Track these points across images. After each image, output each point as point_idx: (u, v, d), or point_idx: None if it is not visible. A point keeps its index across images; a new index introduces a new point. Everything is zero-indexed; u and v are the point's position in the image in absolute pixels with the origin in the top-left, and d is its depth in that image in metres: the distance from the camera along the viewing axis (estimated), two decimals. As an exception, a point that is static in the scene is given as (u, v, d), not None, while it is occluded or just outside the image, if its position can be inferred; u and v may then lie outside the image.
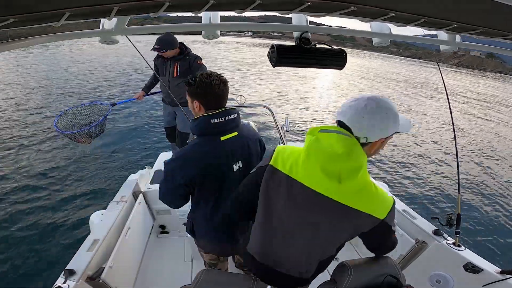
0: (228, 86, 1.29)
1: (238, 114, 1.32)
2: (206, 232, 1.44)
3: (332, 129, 0.91)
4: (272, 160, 1.02)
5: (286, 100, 11.16)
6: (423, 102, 12.26)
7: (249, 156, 1.35)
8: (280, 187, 0.99)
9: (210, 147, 1.22)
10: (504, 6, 0.60)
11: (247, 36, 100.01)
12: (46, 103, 8.90)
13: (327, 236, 1.01)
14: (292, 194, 0.97)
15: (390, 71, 23.74)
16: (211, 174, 1.24)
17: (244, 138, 1.33)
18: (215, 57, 25.37)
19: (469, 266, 1.66)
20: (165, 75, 3.03)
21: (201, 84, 1.19)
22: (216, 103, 1.23)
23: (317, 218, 0.97)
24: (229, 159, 1.27)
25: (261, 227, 1.11)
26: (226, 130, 1.25)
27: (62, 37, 0.98)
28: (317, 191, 0.92)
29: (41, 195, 4.40)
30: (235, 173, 1.30)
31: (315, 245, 1.04)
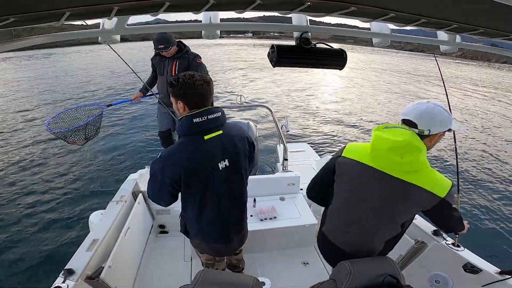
0: (212, 86, 1.29)
1: (223, 112, 1.32)
2: (197, 231, 1.45)
3: (394, 126, 1.17)
4: (344, 152, 1.29)
5: (286, 100, 11.16)
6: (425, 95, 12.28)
7: (236, 154, 1.35)
8: (353, 173, 1.23)
9: (194, 146, 1.24)
10: (504, 6, 0.61)
11: (247, 37, 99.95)
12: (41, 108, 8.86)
13: (391, 213, 1.18)
14: (363, 177, 1.21)
15: (391, 64, 23.76)
16: (195, 173, 1.25)
17: (230, 137, 1.33)
18: (215, 59, 25.38)
19: (468, 266, 1.66)
20: (163, 74, 2.98)
21: (184, 84, 1.20)
22: (199, 103, 1.24)
23: (384, 196, 1.17)
24: (214, 158, 1.28)
25: (337, 210, 1.33)
26: (210, 129, 1.26)
27: (62, 36, 0.98)
28: (384, 171, 1.15)
29: (41, 195, 4.40)
30: (221, 172, 1.31)
31: (382, 224, 1.22)
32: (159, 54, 2.95)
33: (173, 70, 2.91)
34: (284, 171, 2.80)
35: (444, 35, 1.16)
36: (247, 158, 1.43)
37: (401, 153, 1.09)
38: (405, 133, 1.10)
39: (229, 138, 1.32)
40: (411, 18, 0.79)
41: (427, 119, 1.11)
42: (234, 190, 1.41)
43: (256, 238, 2.27)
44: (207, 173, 1.27)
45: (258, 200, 2.49)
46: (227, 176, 1.33)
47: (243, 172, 1.42)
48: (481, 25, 0.82)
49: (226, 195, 1.37)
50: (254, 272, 2.20)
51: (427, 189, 1.10)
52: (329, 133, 7.62)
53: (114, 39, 1.05)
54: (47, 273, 2.96)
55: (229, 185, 1.37)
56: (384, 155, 1.14)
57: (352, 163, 1.24)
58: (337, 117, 9.15)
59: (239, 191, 1.45)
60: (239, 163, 1.36)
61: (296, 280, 2.15)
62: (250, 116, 8.34)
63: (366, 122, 8.81)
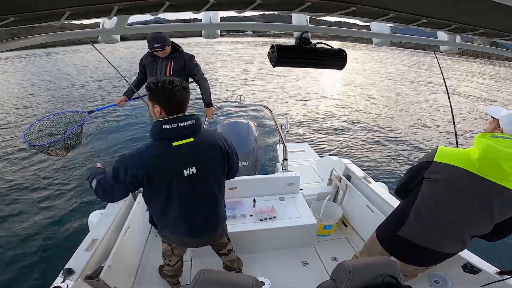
0: (189, 93, 1.31)
1: (197, 120, 1.33)
2: (165, 225, 1.49)
3: (503, 136, 1.19)
4: (436, 158, 1.30)
5: (286, 100, 11.16)
6: (423, 95, 12.32)
7: (206, 162, 1.36)
8: (453, 179, 1.24)
9: (160, 151, 1.25)
10: (504, 6, 0.61)
11: (247, 35, 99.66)
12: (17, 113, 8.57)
13: (492, 218, 1.22)
14: (467, 183, 1.22)
15: (392, 62, 23.78)
16: (158, 176, 1.27)
17: (202, 145, 1.33)
18: (215, 57, 25.36)
19: (467, 266, 1.66)
20: (155, 75, 2.85)
21: (164, 90, 1.21)
22: (176, 109, 1.27)
23: (490, 203, 1.19)
24: (179, 165, 1.29)
25: (429, 213, 1.33)
26: (179, 136, 1.26)
27: (62, 36, 0.98)
28: (491, 180, 1.17)
29: (40, 195, 4.40)
30: (186, 178, 1.32)
31: (483, 226, 1.26)
32: (151, 54, 2.84)
33: (168, 70, 2.81)
34: (284, 171, 2.80)
35: (444, 35, 1.17)
36: (220, 166, 1.44)
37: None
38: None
39: (200, 146, 1.33)
40: (411, 18, 0.79)
41: None
42: (201, 195, 1.42)
43: (256, 238, 2.27)
44: (170, 178, 1.29)
45: (257, 200, 2.49)
46: (193, 183, 1.35)
47: (212, 179, 1.43)
48: (481, 25, 0.82)
49: (191, 199, 1.39)
50: (254, 272, 2.20)
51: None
52: (329, 133, 7.62)
53: (114, 39, 1.05)
54: (47, 273, 2.95)
55: (195, 191, 1.38)
56: (497, 165, 1.15)
57: (450, 168, 1.26)
58: (337, 117, 9.14)
59: (208, 196, 1.46)
60: (208, 171, 1.38)
61: (296, 280, 2.15)
62: (250, 116, 8.34)
63: (366, 122, 8.80)
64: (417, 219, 1.36)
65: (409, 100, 12.43)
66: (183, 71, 2.85)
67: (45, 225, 3.73)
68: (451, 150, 1.31)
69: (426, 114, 10.25)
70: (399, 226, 1.42)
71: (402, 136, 7.77)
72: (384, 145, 7.01)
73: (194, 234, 1.51)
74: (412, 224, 1.38)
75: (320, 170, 3.33)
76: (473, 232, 1.30)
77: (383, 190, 2.34)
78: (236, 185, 2.53)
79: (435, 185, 1.30)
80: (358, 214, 2.55)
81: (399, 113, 10.24)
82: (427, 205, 1.33)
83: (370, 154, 6.48)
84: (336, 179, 2.78)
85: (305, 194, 2.69)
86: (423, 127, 8.83)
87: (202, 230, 1.53)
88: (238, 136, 3.17)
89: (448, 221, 1.30)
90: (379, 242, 1.54)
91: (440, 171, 1.28)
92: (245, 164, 3.03)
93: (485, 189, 1.19)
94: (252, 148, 3.10)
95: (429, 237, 1.35)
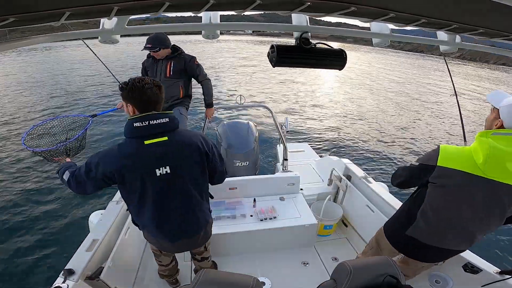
0: (162, 91, 1.30)
1: (172, 119, 1.30)
2: (143, 226, 1.48)
3: (506, 132, 1.13)
4: (440, 161, 1.23)
5: (286, 100, 11.16)
6: (428, 99, 12.31)
7: (181, 162, 1.33)
8: (461, 183, 1.20)
9: (132, 149, 1.24)
10: (504, 6, 0.61)
11: (246, 34, 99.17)
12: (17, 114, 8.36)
13: (503, 217, 1.22)
14: (472, 187, 1.19)
15: (391, 64, 23.77)
16: (129, 175, 1.26)
17: (176, 144, 1.31)
18: (215, 57, 25.37)
19: (468, 266, 1.66)
20: (155, 77, 2.82)
21: (133, 88, 1.21)
22: (147, 107, 1.25)
23: (500, 203, 1.18)
24: (152, 163, 1.27)
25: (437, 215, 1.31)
26: (151, 135, 1.25)
27: (62, 36, 0.98)
28: (497, 180, 1.14)
29: (40, 196, 4.40)
30: (159, 177, 1.29)
31: (495, 225, 1.26)
32: (151, 56, 2.83)
33: (168, 70, 2.79)
34: (284, 171, 2.80)
35: (444, 35, 1.17)
36: (197, 166, 1.40)
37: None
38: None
39: (175, 145, 1.30)
40: (411, 18, 0.79)
41: None
42: (177, 195, 1.39)
43: (256, 238, 2.27)
44: (142, 177, 1.27)
45: (258, 200, 2.49)
46: (167, 182, 1.32)
47: (188, 179, 1.39)
48: (481, 25, 0.82)
49: (166, 199, 1.37)
50: (254, 272, 2.20)
51: None
52: (329, 133, 7.63)
53: (114, 39, 1.05)
54: (47, 273, 2.96)
55: (170, 191, 1.35)
56: (502, 167, 1.13)
57: (456, 173, 1.21)
58: (337, 117, 9.15)
59: (184, 197, 1.42)
60: (183, 171, 1.35)
61: (296, 280, 2.15)
62: (250, 116, 8.34)
63: (367, 121, 8.81)
64: (425, 222, 1.35)
65: (409, 101, 12.43)
66: (184, 72, 2.84)
67: (46, 226, 3.73)
68: (454, 151, 1.24)
69: (427, 114, 10.25)
70: (407, 226, 1.42)
71: (402, 136, 7.77)
72: (384, 145, 7.01)
73: (171, 237, 1.47)
74: (419, 225, 1.37)
75: (320, 170, 3.33)
76: (484, 231, 1.30)
77: (383, 190, 2.34)
78: (236, 185, 2.53)
79: (441, 190, 1.27)
80: (358, 214, 2.55)
81: (399, 113, 10.24)
82: (434, 209, 1.32)
83: (370, 154, 6.48)
84: (336, 179, 2.78)
85: (305, 194, 2.69)
86: (424, 127, 8.83)
87: (179, 234, 1.48)
88: (238, 136, 3.17)
89: (457, 224, 1.29)
90: (386, 238, 1.54)
91: (445, 177, 1.24)
92: (245, 164, 3.03)
93: (494, 190, 1.17)
94: (252, 148, 3.10)
95: (438, 237, 1.35)
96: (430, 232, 1.35)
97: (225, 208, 2.38)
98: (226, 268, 2.23)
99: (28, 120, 7.93)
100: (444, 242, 1.35)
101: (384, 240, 1.55)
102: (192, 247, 1.68)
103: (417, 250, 1.43)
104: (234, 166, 3.03)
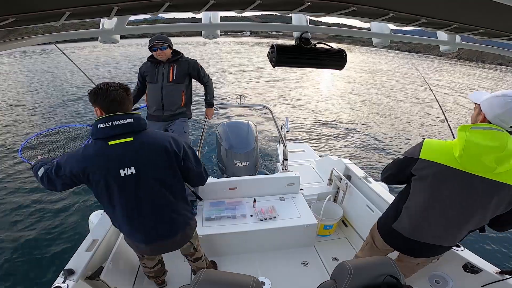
0: (129, 93, 1.31)
1: (137, 119, 1.29)
2: (119, 227, 1.48)
3: (483, 126, 1.13)
4: (423, 153, 1.26)
5: (286, 100, 11.16)
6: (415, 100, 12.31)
7: (146, 163, 1.31)
8: (440, 176, 1.22)
9: (95, 150, 1.26)
10: (504, 6, 0.60)
11: (244, 35, 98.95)
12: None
13: (485, 211, 1.20)
14: (450, 180, 1.20)
15: (389, 64, 23.78)
16: (92, 175, 1.27)
17: (142, 144, 1.29)
18: (214, 58, 25.36)
19: (468, 266, 1.66)
20: (156, 82, 2.61)
21: (97, 91, 1.24)
22: (112, 108, 1.26)
23: (478, 196, 1.17)
24: (115, 164, 1.27)
25: (418, 209, 1.33)
26: (115, 135, 1.25)
27: (62, 36, 0.98)
28: (475, 174, 1.15)
29: (40, 196, 4.40)
30: (124, 178, 1.29)
31: (474, 219, 1.24)
32: (151, 60, 2.66)
33: (171, 75, 2.61)
34: (284, 171, 2.80)
35: (444, 35, 1.16)
36: (167, 168, 1.37)
37: (496, 160, 1.09)
38: (499, 137, 1.08)
39: (140, 146, 1.28)
40: (411, 18, 0.79)
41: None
42: (145, 197, 1.37)
43: (256, 238, 2.27)
44: (105, 177, 1.28)
45: (258, 200, 2.49)
46: (133, 183, 1.31)
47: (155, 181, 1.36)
48: (481, 25, 0.82)
49: (134, 201, 1.36)
50: (254, 272, 2.20)
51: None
52: (329, 133, 7.63)
53: (114, 39, 1.05)
54: (47, 273, 2.96)
55: (138, 192, 1.34)
56: (477, 161, 1.12)
57: (435, 166, 1.23)
58: (337, 117, 9.15)
59: (153, 198, 1.39)
60: (149, 172, 1.33)
61: (296, 280, 2.15)
62: (250, 116, 8.35)
63: (367, 121, 8.80)
64: (408, 216, 1.38)
65: (410, 101, 12.43)
66: (187, 75, 2.72)
67: (46, 226, 3.73)
68: (436, 145, 1.27)
69: (427, 114, 10.25)
70: (394, 219, 1.45)
71: (402, 136, 7.77)
72: (384, 145, 7.01)
73: (145, 240, 1.46)
74: (403, 219, 1.40)
75: (320, 170, 3.33)
76: (466, 227, 1.29)
77: (383, 190, 2.34)
78: (236, 185, 2.53)
79: (422, 183, 1.30)
80: (358, 214, 2.55)
81: (399, 113, 10.24)
82: (416, 204, 1.34)
83: (370, 154, 6.48)
84: (336, 179, 2.78)
85: (305, 194, 2.69)
86: (424, 127, 8.83)
87: (153, 236, 1.46)
88: (238, 136, 3.17)
89: (437, 218, 1.30)
90: (378, 231, 1.57)
91: (425, 169, 1.27)
92: (245, 164, 3.03)
93: (470, 183, 1.17)
94: (252, 148, 3.10)
95: (419, 232, 1.37)
96: (412, 226, 1.37)
97: (225, 208, 2.38)
98: (226, 268, 2.24)
99: (28, 120, 7.95)
100: (425, 236, 1.35)
101: (377, 234, 1.57)
102: (170, 249, 1.64)
103: (403, 244, 1.45)
104: (234, 166, 3.03)
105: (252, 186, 2.57)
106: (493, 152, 1.08)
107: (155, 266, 1.85)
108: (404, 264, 1.56)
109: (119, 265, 1.84)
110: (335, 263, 1.05)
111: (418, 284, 1.81)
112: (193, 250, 1.77)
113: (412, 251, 1.47)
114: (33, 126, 7.51)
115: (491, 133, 1.10)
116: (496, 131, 1.10)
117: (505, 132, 1.09)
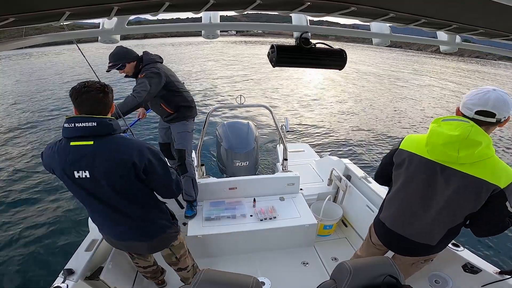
0: (107, 96, 1.27)
1: (102, 124, 1.25)
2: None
3: (453, 118, 1.17)
4: (401, 144, 1.35)
5: (286, 100, 11.16)
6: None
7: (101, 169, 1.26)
8: (410, 165, 1.29)
9: (59, 148, 1.27)
10: (504, 6, 0.61)
11: (230, 35, 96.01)
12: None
13: (453, 204, 1.20)
14: (419, 169, 1.25)
15: (390, 63, 23.81)
16: (56, 171, 1.30)
17: (101, 150, 1.25)
18: (213, 58, 25.35)
19: (468, 266, 1.66)
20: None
21: (73, 91, 1.24)
22: (83, 110, 1.25)
23: (444, 187, 1.20)
24: (68, 164, 1.26)
25: (394, 199, 1.39)
26: (76, 137, 1.24)
27: (61, 36, 0.98)
28: (442, 164, 1.18)
29: (40, 196, 4.40)
30: (78, 180, 1.28)
31: (444, 213, 1.24)
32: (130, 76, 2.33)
33: None
34: (284, 171, 2.80)
35: (444, 35, 1.17)
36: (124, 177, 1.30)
37: (457, 148, 1.11)
38: (461, 127, 1.10)
39: (98, 151, 1.25)
40: (411, 18, 0.79)
41: (501, 106, 1.08)
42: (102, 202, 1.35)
43: (256, 238, 2.27)
44: (63, 176, 1.29)
45: (257, 200, 2.49)
46: (89, 187, 1.30)
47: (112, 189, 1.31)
48: (481, 25, 0.82)
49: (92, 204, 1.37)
50: (254, 272, 2.20)
51: (487, 180, 1.11)
52: (329, 133, 7.62)
53: (114, 39, 1.05)
54: (47, 273, 2.95)
55: (94, 196, 1.33)
56: (440, 149, 1.16)
57: (409, 155, 1.30)
58: (337, 117, 9.15)
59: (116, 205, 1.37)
60: (104, 179, 1.28)
61: (296, 280, 2.15)
62: (250, 116, 8.34)
63: (367, 121, 8.81)
64: (389, 205, 1.44)
65: (410, 101, 12.43)
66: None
67: (45, 226, 3.73)
68: (415, 137, 1.33)
69: (427, 114, 10.25)
70: (381, 210, 1.52)
71: (403, 136, 7.76)
72: (385, 145, 7.01)
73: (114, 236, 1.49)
74: (386, 209, 1.46)
75: (320, 170, 3.33)
76: (441, 219, 1.26)
77: (383, 190, 2.34)
78: (236, 185, 2.53)
79: (398, 173, 1.37)
80: (358, 214, 2.55)
81: (399, 113, 10.24)
82: (394, 192, 1.40)
83: (370, 154, 6.48)
84: (336, 179, 2.78)
85: (305, 194, 2.70)
86: (424, 126, 8.83)
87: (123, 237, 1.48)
88: (238, 136, 3.17)
89: (410, 208, 1.33)
90: (373, 224, 1.60)
91: (402, 158, 1.33)
92: (245, 164, 3.03)
93: (435, 171, 1.21)
94: (252, 148, 3.10)
95: (396, 223, 1.40)
96: (393, 217, 1.41)
97: (225, 208, 2.38)
98: (226, 268, 2.23)
99: (30, 121, 7.95)
100: (401, 229, 1.38)
101: (372, 229, 1.60)
102: (144, 252, 1.67)
103: (388, 236, 1.47)
104: (234, 166, 3.03)
105: (252, 186, 2.57)
106: (454, 141, 1.11)
107: (148, 267, 1.84)
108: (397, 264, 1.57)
109: (119, 265, 1.84)
110: (335, 263, 1.05)
111: (418, 284, 1.81)
112: (175, 259, 1.73)
113: (396, 247, 1.47)
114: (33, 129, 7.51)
115: (456, 123, 1.13)
116: (462, 122, 1.12)
117: (471, 123, 1.10)
